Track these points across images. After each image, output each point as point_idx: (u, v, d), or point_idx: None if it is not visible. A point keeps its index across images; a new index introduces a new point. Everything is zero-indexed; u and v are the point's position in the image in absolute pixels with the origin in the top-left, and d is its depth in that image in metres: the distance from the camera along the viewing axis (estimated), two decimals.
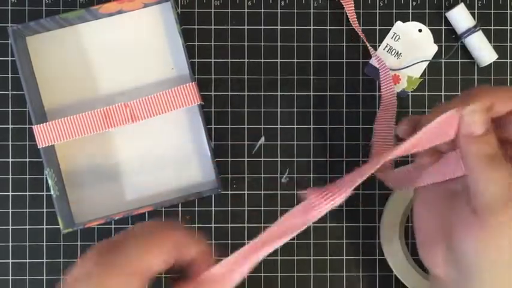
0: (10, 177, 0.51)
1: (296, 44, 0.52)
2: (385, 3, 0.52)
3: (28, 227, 0.51)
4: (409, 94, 0.52)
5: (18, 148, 0.51)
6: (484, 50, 0.51)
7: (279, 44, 0.52)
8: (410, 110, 0.52)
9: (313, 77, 0.52)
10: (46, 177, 0.50)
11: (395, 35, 0.52)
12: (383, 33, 0.52)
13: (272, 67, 0.52)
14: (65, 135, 0.48)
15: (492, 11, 0.52)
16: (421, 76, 0.52)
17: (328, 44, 0.52)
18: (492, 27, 0.52)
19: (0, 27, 0.51)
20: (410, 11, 0.52)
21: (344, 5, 0.51)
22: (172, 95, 0.48)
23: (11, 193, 0.51)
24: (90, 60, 0.51)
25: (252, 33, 0.52)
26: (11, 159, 0.51)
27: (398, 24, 0.52)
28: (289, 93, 0.52)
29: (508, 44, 0.52)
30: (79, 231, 0.51)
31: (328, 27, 0.52)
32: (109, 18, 0.51)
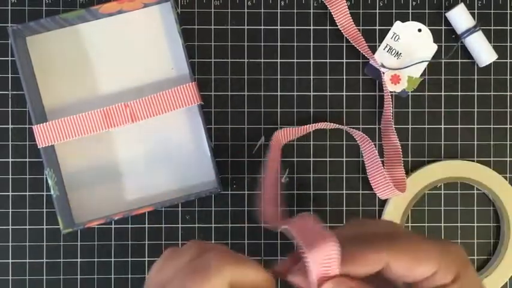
0: (10, 177, 0.51)
1: (296, 44, 0.52)
2: (385, 3, 0.52)
3: (28, 227, 0.51)
4: (409, 94, 0.52)
5: (18, 148, 0.51)
6: (483, 50, 0.51)
7: (279, 44, 0.52)
8: (410, 110, 0.52)
9: (313, 77, 0.52)
10: (46, 177, 0.50)
11: (395, 35, 0.52)
12: (383, 33, 0.52)
13: (272, 67, 0.52)
14: (65, 135, 0.48)
15: (492, 11, 0.52)
16: (421, 76, 0.52)
17: (328, 44, 0.52)
18: (492, 27, 0.52)
19: (0, 27, 0.51)
20: (410, 11, 0.52)
21: (333, 8, 0.51)
22: (172, 95, 0.48)
23: (11, 193, 0.51)
24: (90, 60, 0.51)
25: (252, 33, 0.52)
26: (11, 159, 0.51)
27: (398, 24, 0.52)
28: (289, 93, 0.52)
29: (508, 44, 0.52)
30: (79, 231, 0.51)
31: (328, 28, 0.52)
32: (109, 18, 0.51)
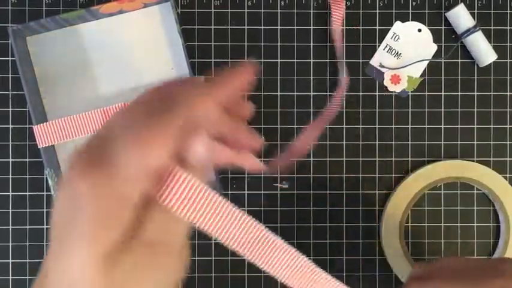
0: (10, 177, 0.51)
1: (296, 44, 0.52)
2: (385, 3, 0.52)
3: (28, 227, 0.51)
4: (409, 94, 0.52)
5: (18, 148, 0.51)
6: (483, 50, 0.51)
7: (279, 44, 0.52)
8: (410, 110, 0.52)
9: (313, 77, 0.52)
10: (46, 177, 0.50)
11: (395, 35, 0.52)
12: (383, 33, 0.52)
13: (272, 67, 0.52)
14: (65, 135, 0.48)
15: (492, 11, 0.52)
16: (421, 76, 0.52)
17: (328, 44, 0.52)
18: (492, 27, 0.52)
19: (0, 27, 0.51)
20: (410, 11, 0.52)
21: (333, 8, 0.51)
22: None
23: (11, 193, 0.51)
24: (90, 60, 0.51)
25: (252, 33, 0.52)
26: (11, 159, 0.51)
27: (398, 24, 0.52)
28: (289, 93, 0.52)
29: (508, 44, 0.52)
30: None
31: (328, 27, 0.52)
32: (109, 18, 0.51)
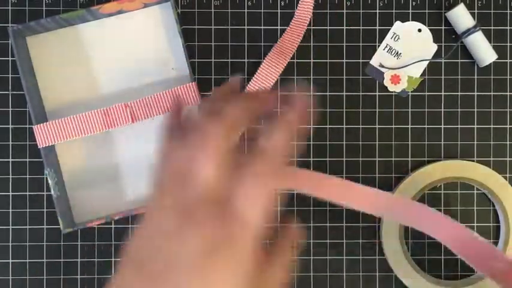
0: (10, 177, 0.51)
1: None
2: (385, 3, 0.52)
3: (28, 227, 0.51)
4: (409, 94, 0.52)
5: (18, 148, 0.51)
6: (484, 50, 0.51)
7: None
8: (410, 110, 0.52)
9: (313, 77, 0.52)
10: (46, 177, 0.50)
11: (395, 35, 0.52)
12: (383, 33, 0.52)
13: None
14: (65, 135, 0.48)
15: (492, 11, 0.52)
16: (421, 76, 0.52)
17: (328, 44, 0.52)
18: (492, 27, 0.52)
19: (0, 27, 0.51)
20: (410, 11, 0.52)
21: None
22: (172, 95, 0.48)
23: (11, 193, 0.51)
24: (90, 61, 0.51)
25: (252, 33, 0.52)
26: (11, 159, 0.51)
27: (398, 24, 0.52)
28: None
29: (508, 44, 0.52)
30: (79, 231, 0.51)
31: (328, 27, 0.52)
32: (109, 18, 0.51)
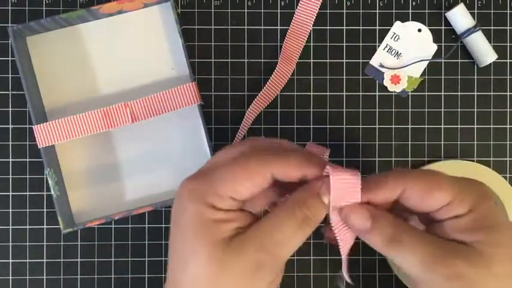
0: (10, 177, 0.51)
1: None
2: (385, 3, 0.52)
3: (28, 227, 0.51)
4: (409, 94, 0.52)
5: (18, 148, 0.51)
6: (483, 50, 0.51)
7: (279, 44, 0.52)
8: (410, 110, 0.52)
9: (313, 77, 0.52)
10: (46, 177, 0.50)
11: (395, 35, 0.52)
12: (383, 33, 0.52)
13: (272, 67, 0.52)
14: (65, 135, 0.48)
15: (492, 11, 0.52)
16: (421, 76, 0.52)
17: (328, 44, 0.52)
18: (492, 27, 0.52)
19: (0, 27, 0.51)
20: (410, 11, 0.52)
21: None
22: (172, 95, 0.48)
23: (11, 193, 0.51)
24: (90, 60, 0.51)
25: (252, 33, 0.52)
26: (11, 159, 0.51)
27: (398, 24, 0.52)
28: (289, 93, 0.52)
29: (508, 44, 0.52)
30: (79, 231, 0.51)
31: (328, 27, 0.52)
32: (109, 18, 0.51)
